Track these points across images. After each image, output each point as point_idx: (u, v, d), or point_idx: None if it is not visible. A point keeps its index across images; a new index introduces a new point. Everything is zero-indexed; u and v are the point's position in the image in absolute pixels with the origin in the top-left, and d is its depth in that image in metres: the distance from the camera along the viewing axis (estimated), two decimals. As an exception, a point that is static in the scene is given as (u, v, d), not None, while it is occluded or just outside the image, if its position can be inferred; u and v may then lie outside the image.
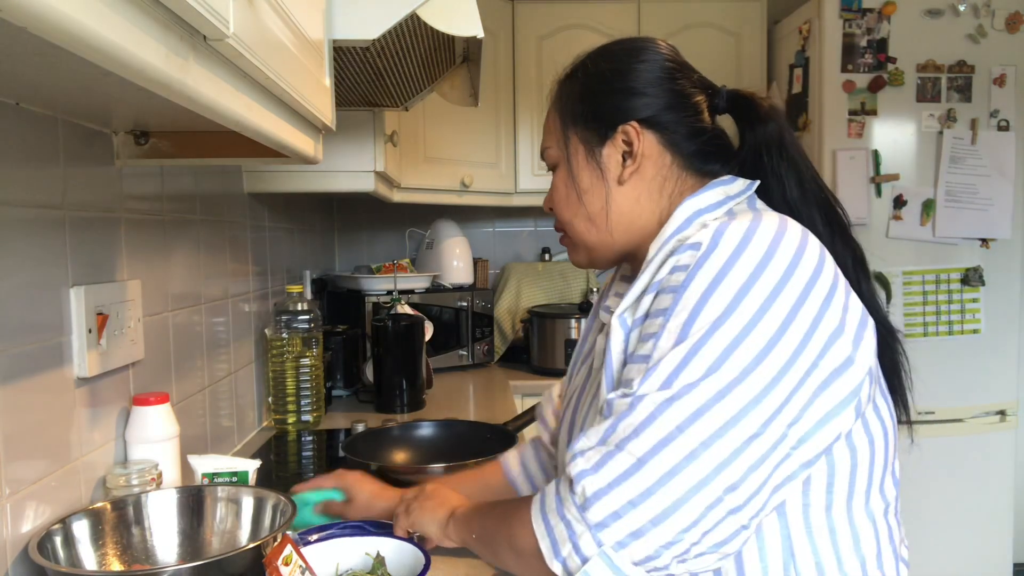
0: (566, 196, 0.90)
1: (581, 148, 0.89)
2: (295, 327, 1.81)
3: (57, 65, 0.64)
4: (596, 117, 0.88)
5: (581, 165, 0.88)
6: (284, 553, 0.82)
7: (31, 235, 0.90)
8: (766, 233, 0.71)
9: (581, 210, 0.89)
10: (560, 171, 0.91)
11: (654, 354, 0.71)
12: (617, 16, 2.71)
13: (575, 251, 0.94)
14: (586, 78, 0.90)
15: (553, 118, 0.93)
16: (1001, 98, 2.50)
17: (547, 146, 0.93)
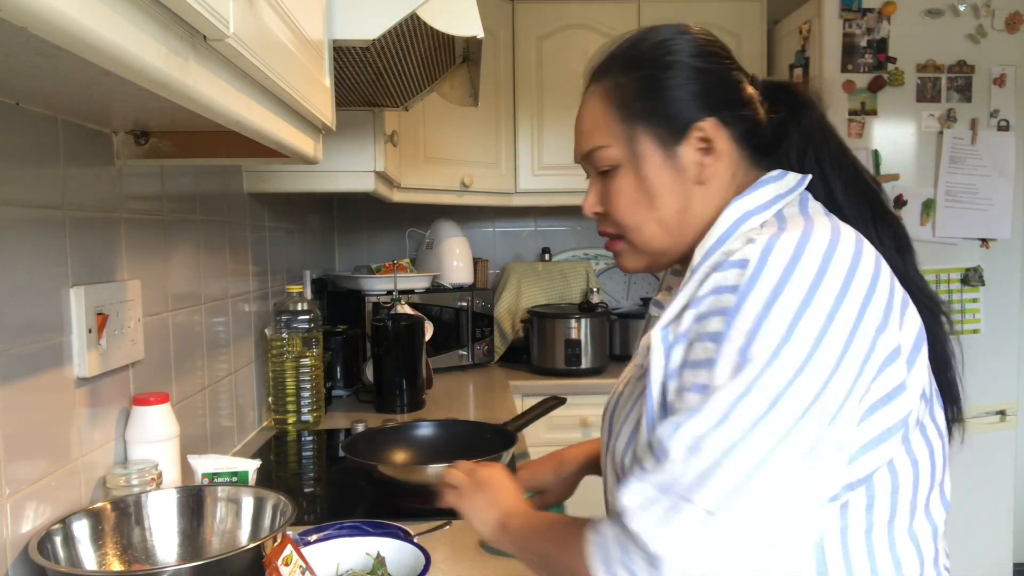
0: (635, 200, 0.82)
1: (656, 149, 0.80)
2: (295, 327, 1.81)
3: (57, 65, 0.64)
4: (671, 114, 0.80)
5: (656, 167, 0.80)
6: (284, 553, 0.82)
7: (31, 235, 0.90)
8: (817, 247, 0.66)
9: (652, 215, 0.81)
10: (625, 174, 0.82)
11: (712, 383, 0.66)
12: (617, 16, 2.71)
13: (633, 257, 0.86)
14: (650, 71, 0.81)
15: (608, 115, 0.83)
16: (1001, 98, 2.50)
17: (601, 145, 0.83)
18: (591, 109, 0.85)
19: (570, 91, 2.71)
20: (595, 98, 0.84)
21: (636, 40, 0.84)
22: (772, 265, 0.66)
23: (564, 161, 2.74)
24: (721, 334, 0.67)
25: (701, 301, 0.70)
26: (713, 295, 0.69)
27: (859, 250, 0.68)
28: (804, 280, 0.65)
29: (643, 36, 0.84)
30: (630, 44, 0.85)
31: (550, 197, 2.79)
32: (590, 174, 0.87)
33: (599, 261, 3.12)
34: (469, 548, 1.12)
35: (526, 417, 1.55)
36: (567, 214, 3.12)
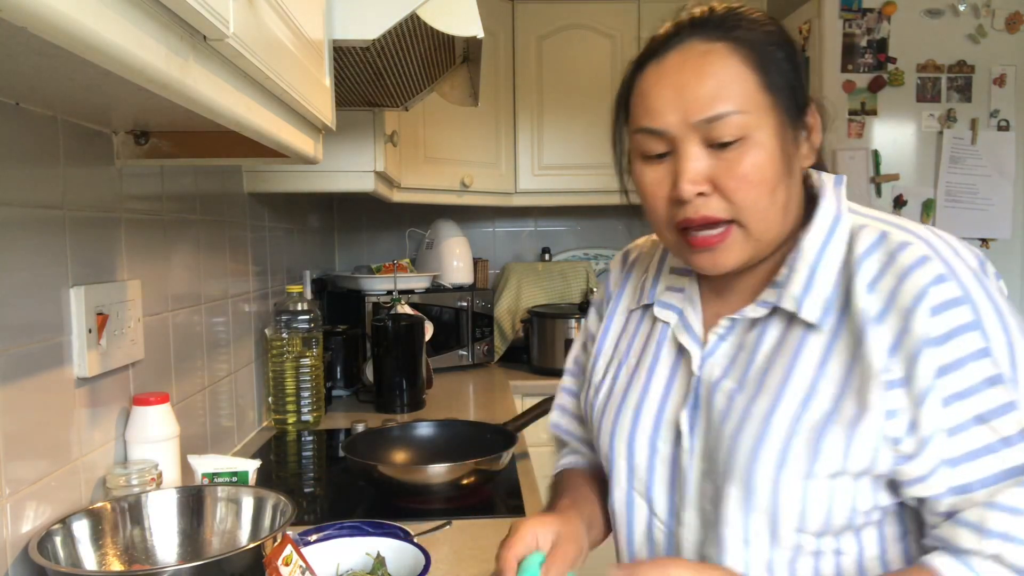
0: (763, 180, 0.72)
1: (786, 127, 0.74)
2: (295, 327, 1.81)
3: (57, 65, 0.64)
4: (798, 95, 0.75)
5: (785, 146, 0.73)
6: (284, 553, 0.82)
7: (31, 235, 0.90)
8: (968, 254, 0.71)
9: (777, 198, 0.73)
10: (757, 148, 0.72)
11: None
12: (617, 16, 2.71)
13: (739, 249, 0.75)
14: (790, 49, 0.75)
15: (748, 79, 0.72)
16: (1001, 98, 2.50)
17: (736, 111, 0.71)
18: (721, 67, 0.72)
19: (570, 91, 2.72)
20: (719, 56, 0.72)
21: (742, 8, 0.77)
22: (963, 275, 0.68)
23: (564, 161, 2.74)
24: (980, 352, 0.66)
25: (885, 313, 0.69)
26: (929, 319, 0.67)
27: None
28: (1001, 300, 0.69)
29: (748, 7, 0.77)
30: (741, 9, 0.76)
31: (550, 197, 2.79)
32: (681, 147, 0.73)
33: (599, 261, 3.12)
34: (469, 548, 1.12)
35: (526, 417, 1.55)
36: (567, 214, 3.12)
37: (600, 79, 2.70)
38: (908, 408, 0.67)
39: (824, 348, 0.72)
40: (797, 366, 0.73)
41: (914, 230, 0.72)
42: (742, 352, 0.78)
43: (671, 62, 0.76)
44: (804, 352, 0.73)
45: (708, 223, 0.73)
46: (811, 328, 0.73)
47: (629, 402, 0.85)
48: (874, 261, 0.71)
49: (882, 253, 0.71)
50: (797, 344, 0.74)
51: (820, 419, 0.70)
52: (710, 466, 0.77)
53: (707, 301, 0.85)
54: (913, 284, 0.67)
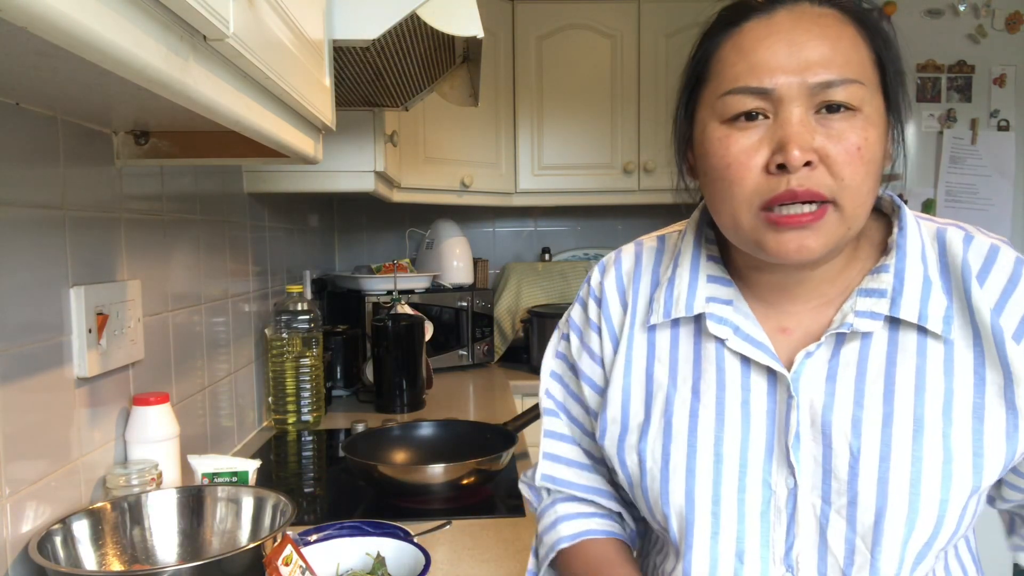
0: (866, 158, 0.66)
1: (886, 110, 0.69)
2: (295, 327, 1.81)
3: (57, 65, 0.64)
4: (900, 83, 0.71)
5: (880, 129, 0.68)
6: (284, 553, 0.82)
7: (31, 235, 0.90)
8: None
9: (875, 183, 0.68)
10: (871, 122, 0.66)
11: None
12: (617, 16, 2.71)
13: (832, 233, 0.67)
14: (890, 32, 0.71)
15: (864, 53, 0.68)
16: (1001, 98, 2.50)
17: (854, 79, 0.65)
18: (841, 32, 0.67)
19: (570, 91, 2.72)
20: (842, 23, 0.67)
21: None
22: None
23: (564, 161, 2.74)
24: None
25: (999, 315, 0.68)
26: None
27: None
28: None
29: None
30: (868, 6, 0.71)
31: (550, 197, 2.79)
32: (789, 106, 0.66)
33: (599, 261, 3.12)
34: (469, 548, 1.12)
35: (526, 417, 1.55)
36: (567, 214, 3.12)
37: (600, 79, 2.70)
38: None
39: (945, 354, 0.68)
40: (927, 377, 0.68)
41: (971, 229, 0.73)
42: (843, 369, 0.70)
43: (781, 18, 0.67)
44: (929, 361, 0.68)
45: (812, 198, 0.65)
46: (924, 334, 0.69)
47: (700, 441, 0.72)
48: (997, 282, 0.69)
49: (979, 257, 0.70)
50: (917, 353, 0.69)
51: (971, 429, 0.67)
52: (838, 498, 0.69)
53: (757, 312, 0.75)
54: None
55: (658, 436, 0.75)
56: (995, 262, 0.69)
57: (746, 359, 0.73)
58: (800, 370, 0.70)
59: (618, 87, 2.70)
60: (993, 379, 0.67)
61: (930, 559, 0.68)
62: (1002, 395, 0.67)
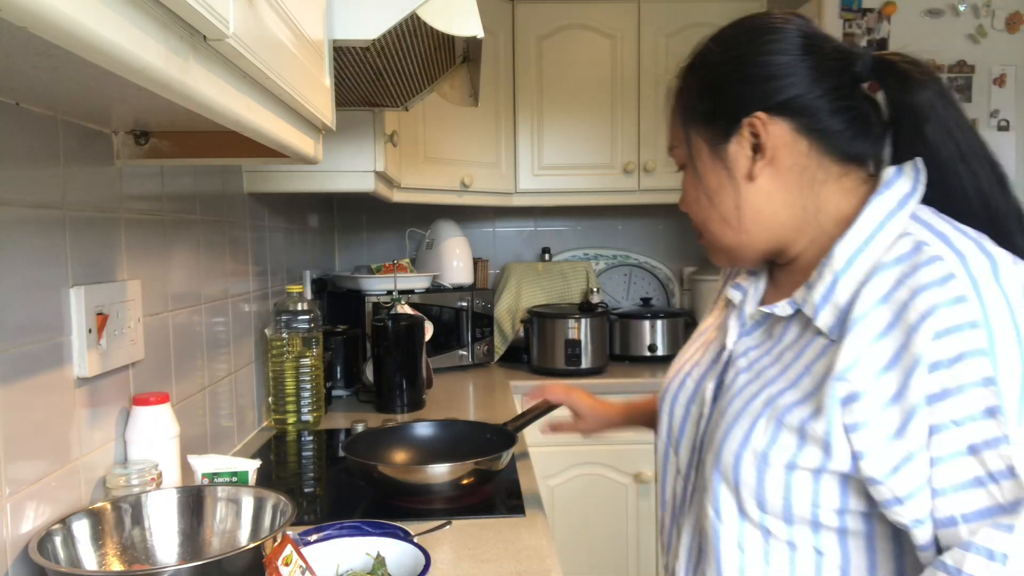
0: (696, 199, 0.84)
1: (705, 148, 0.82)
2: (295, 327, 1.81)
3: (57, 65, 0.64)
4: (718, 113, 0.81)
5: (707, 165, 0.82)
6: (284, 553, 0.82)
7: (31, 235, 0.90)
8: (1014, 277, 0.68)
9: (713, 212, 0.83)
10: (688, 172, 0.85)
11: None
12: (617, 16, 2.71)
13: (714, 253, 0.88)
14: (706, 70, 0.83)
15: (676, 116, 0.86)
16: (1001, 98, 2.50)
17: (672, 145, 0.87)
18: (670, 110, 0.88)
19: (570, 91, 2.72)
20: (673, 99, 0.87)
21: (715, 36, 0.85)
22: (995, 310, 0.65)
23: (564, 161, 2.74)
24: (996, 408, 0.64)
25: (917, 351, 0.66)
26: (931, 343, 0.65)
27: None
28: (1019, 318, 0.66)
29: (724, 31, 0.84)
30: (708, 39, 0.85)
31: (550, 197, 2.79)
32: None
33: (599, 261, 3.12)
34: (469, 548, 1.12)
35: (525, 417, 1.55)
36: (567, 214, 3.12)
37: (600, 79, 2.70)
38: (887, 424, 0.67)
39: (820, 350, 0.74)
40: (796, 363, 0.76)
41: (959, 246, 0.69)
42: (767, 341, 0.82)
43: None
44: (807, 351, 0.76)
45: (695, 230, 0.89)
46: (822, 333, 0.75)
47: (684, 368, 0.93)
48: (896, 271, 0.69)
49: (908, 264, 0.69)
50: (806, 343, 0.76)
51: (780, 409, 0.74)
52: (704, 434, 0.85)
53: (768, 289, 0.89)
54: (925, 302, 0.66)
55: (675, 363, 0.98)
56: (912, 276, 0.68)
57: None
58: (749, 332, 0.85)
59: (618, 87, 2.70)
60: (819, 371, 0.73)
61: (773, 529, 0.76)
62: (819, 391, 0.72)
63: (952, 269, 0.67)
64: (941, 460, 0.65)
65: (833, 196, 0.79)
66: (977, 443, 0.64)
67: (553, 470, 2.42)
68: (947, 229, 0.72)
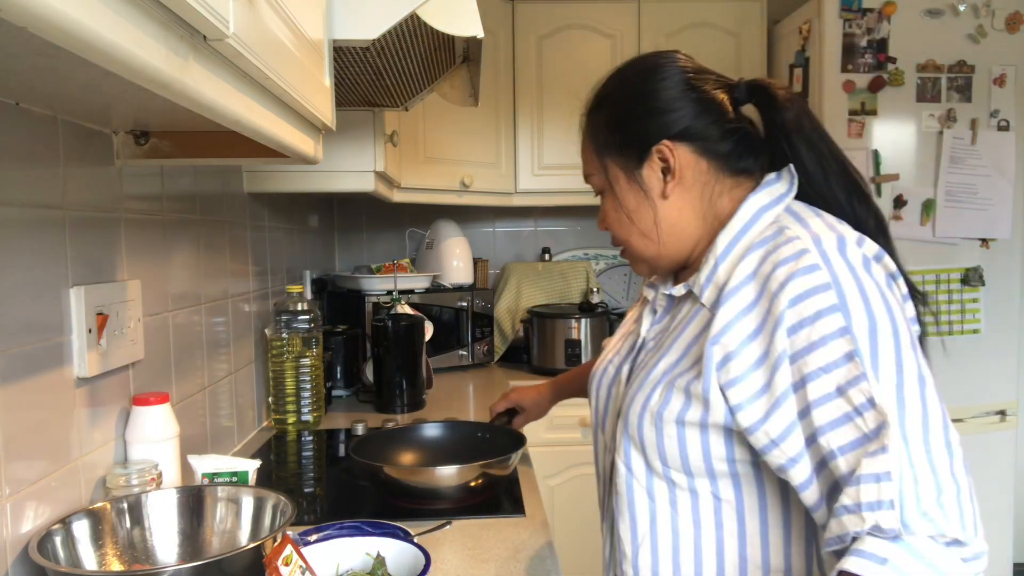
0: (617, 218, 0.95)
1: (621, 174, 0.93)
2: (295, 327, 1.81)
3: (57, 65, 0.64)
4: (629, 143, 0.91)
5: (625, 189, 0.93)
6: (284, 553, 0.82)
7: (31, 235, 0.90)
8: (855, 250, 0.78)
9: (634, 229, 0.94)
10: (607, 196, 0.96)
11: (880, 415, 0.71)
12: (617, 16, 2.71)
13: (636, 264, 0.99)
14: (612, 107, 0.94)
15: (589, 148, 0.97)
16: (1001, 98, 2.50)
17: (589, 173, 0.98)
18: (582, 143, 0.99)
19: (570, 91, 2.71)
20: (583, 134, 0.98)
21: (615, 75, 0.97)
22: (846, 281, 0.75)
23: (564, 161, 2.74)
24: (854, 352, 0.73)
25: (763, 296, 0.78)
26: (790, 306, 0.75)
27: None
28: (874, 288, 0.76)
29: (621, 71, 0.96)
30: (608, 79, 0.97)
31: (550, 197, 2.79)
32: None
33: (599, 261, 3.12)
34: (469, 548, 1.12)
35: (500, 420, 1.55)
36: (567, 214, 3.12)
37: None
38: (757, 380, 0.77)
39: (705, 323, 0.84)
40: (683, 334, 0.87)
41: (814, 228, 0.80)
42: (670, 322, 0.93)
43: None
44: (691, 324, 0.87)
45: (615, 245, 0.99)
46: (703, 307, 0.86)
47: (607, 356, 1.04)
48: (760, 252, 0.81)
49: (771, 245, 0.80)
50: (692, 318, 0.88)
51: (673, 375, 0.85)
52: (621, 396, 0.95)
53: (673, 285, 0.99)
54: (783, 273, 0.76)
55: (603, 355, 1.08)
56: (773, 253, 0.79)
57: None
58: (659, 319, 0.96)
59: (618, 87, 2.70)
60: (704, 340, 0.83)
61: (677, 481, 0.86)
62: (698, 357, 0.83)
63: (806, 245, 0.77)
64: (817, 404, 0.73)
65: (727, 204, 0.91)
66: (842, 384, 0.73)
67: (553, 470, 2.42)
68: (809, 216, 0.83)
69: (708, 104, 0.90)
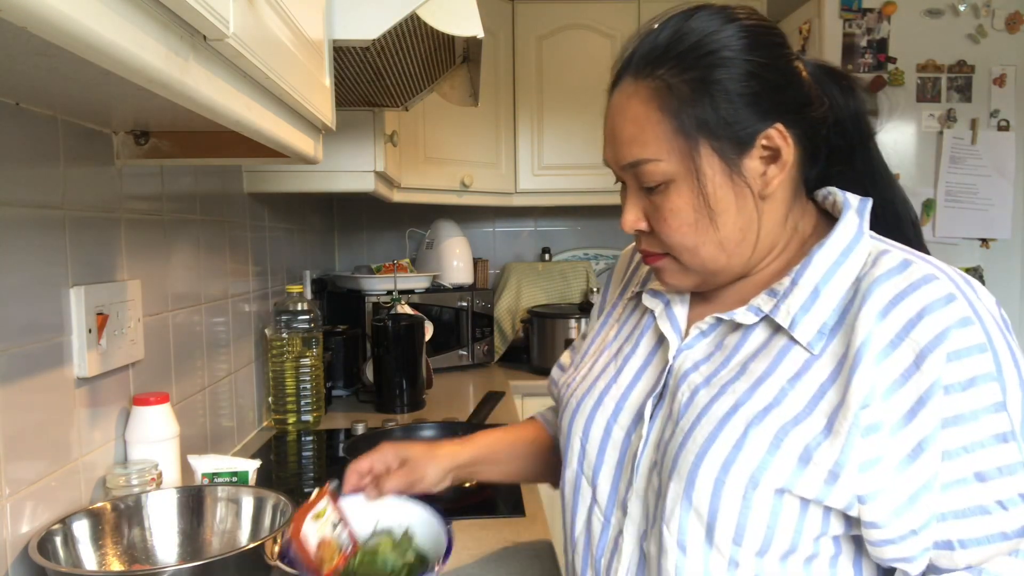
0: (693, 221, 0.72)
1: (717, 162, 0.70)
2: (295, 327, 1.81)
3: (57, 65, 0.64)
4: (733, 122, 0.70)
5: (718, 183, 0.71)
6: (318, 507, 0.80)
7: (31, 235, 0.90)
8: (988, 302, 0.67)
9: (712, 235, 0.72)
10: (681, 191, 0.71)
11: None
12: (617, 16, 2.71)
13: (680, 276, 0.77)
14: (705, 72, 0.70)
15: (661, 123, 0.71)
16: (1001, 98, 2.50)
17: (652, 159, 0.71)
18: (636, 112, 0.72)
19: (570, 91, 2.72)
20: (640, 100, 0.72)
21: (678, 31, 0.72)
22: (999, 342, 0.64)
23: (564, 161, 2.74)
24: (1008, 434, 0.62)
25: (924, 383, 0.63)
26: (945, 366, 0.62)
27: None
28: (1020, 354, 0.66)
29: (686, 27, 0.72)
30: (673, 35, 0.72)
31: (550, 197, 2.79)
32: (627, 183, 0.76)
33: (599, 261, 3.12)
34: (469, 548, 1.12)
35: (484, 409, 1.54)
36: (567, 214, 3.12)
37: (600, 79, 2.68)
38: (899, 450, 0.63)
39: (803, 363, 0.68)
40: (771, 376, 0.69)
41: (938, 264, 0.69)
42: (719, 352, 0.74)
43: (612, 102, 0.77)
44: (783, 364, 0.69)
45: (645, 255, 0.79)
46: (794, 341, 0.69)
47: (599, 384, 0.83)
48: (891, 287, 0.66)
49: (902, 280, 0.66)
50: (777, 354, 0.70)
51: (778, 429, 0.66)
52: (660, 458, 0.73)
53: (696, 300, 0.82)
54: (935, 323, 0.63)
55: (583, 375, 0.87)
56: (914, 293, 0.65)
57: (663, 337, 0.80)
58: (692, 344, 0.77)
59: (618, 87, 2.70)
60: (835, 396, 0.65)
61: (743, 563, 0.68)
62: (828, 415, 0.65)
63: (951, 290, 0.65)
64: (947, 487, 0.62)
65: (803, 214, 0.76)
66: (986, 470, 0.62)
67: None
68: (912, 250, 0.71)
69: (809, 85, 0.73)
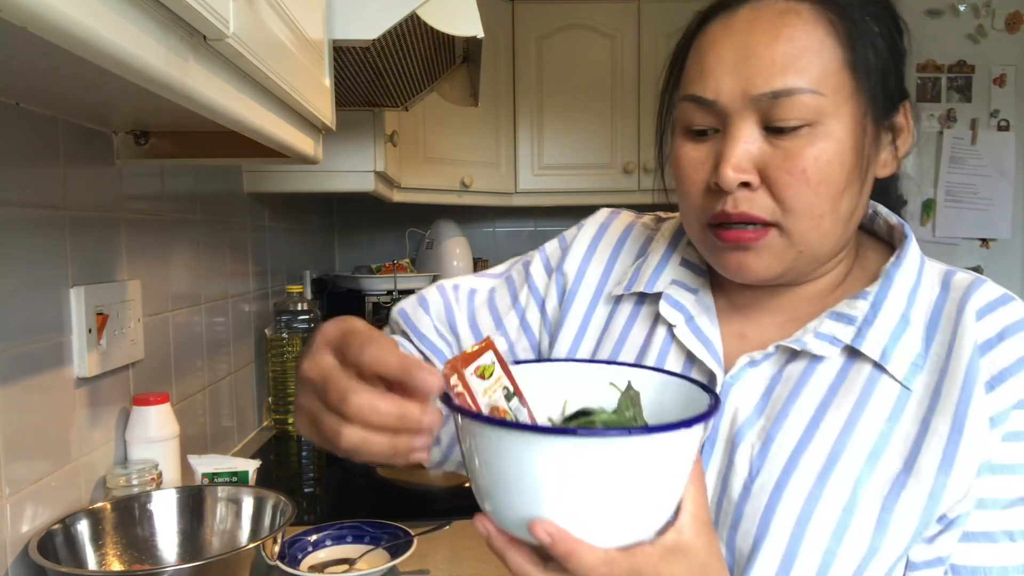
0: (827, 180, 0.58)
1: (870, 123, 0.60)
2: (295, 327, 1.81)
3: (57, 65, 0.64)
4: (893, 85, 0.61)
5: (862, 145, 0.60)
6: (480, 361, 0.51)
7: (31, 235, 0.90)
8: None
9: (840, 208, 0.59)
10: (826, 139, 0.58)
11: None
12: (617, 16, 2.71)
13: (778, 256, 0.61)
14: (888, 22, 0.61)
15: (832, 54, 0.58)
16: (1001, 98, 2.50)
17: (810, 89, 0.57)
18: (795, 32, 0.58)
19: (570, 91, 2.72)
20: (802, 20, 0.58)
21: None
22: None
23: (564, 161, 2.74)
24: None
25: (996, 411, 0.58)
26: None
27: None
28: None
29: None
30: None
31: (550, 197, 2.79)
32: (734, 119, 0.60)
33: (599, 261, 3.12)
34: (469, 548, 1.12)
35: None
36: (567, 214, 3.12)
37: (600, 79, 2.70)
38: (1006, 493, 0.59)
39: (897, 399, 0.59)
40: (863, 415, 0.59)
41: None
42: (782, 386, 0.62)
43: (741, 18, 0.60)
44: (873, 399, 0.59)
45: (746, 220, 0.60)
46: (881, 371, 0.60)
47: None
48: (997, 321, 0.60)
49: (1010, 314, 0.61)
50: (862, 390, 0.60)
51: (891, 482, 0.57)
52: (724, 518, 0.61)
53: (722, 312, 0.69)
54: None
55: None
56: (1001, 306, 0.61)
57: (691, 356, 0.66)
58: (739, 376, 0.63)
59: (618, 87, 2.70)
60: (938, 428, 0.58)
61: None
62: (942, 447, 0.57)
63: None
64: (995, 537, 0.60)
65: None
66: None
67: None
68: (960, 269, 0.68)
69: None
